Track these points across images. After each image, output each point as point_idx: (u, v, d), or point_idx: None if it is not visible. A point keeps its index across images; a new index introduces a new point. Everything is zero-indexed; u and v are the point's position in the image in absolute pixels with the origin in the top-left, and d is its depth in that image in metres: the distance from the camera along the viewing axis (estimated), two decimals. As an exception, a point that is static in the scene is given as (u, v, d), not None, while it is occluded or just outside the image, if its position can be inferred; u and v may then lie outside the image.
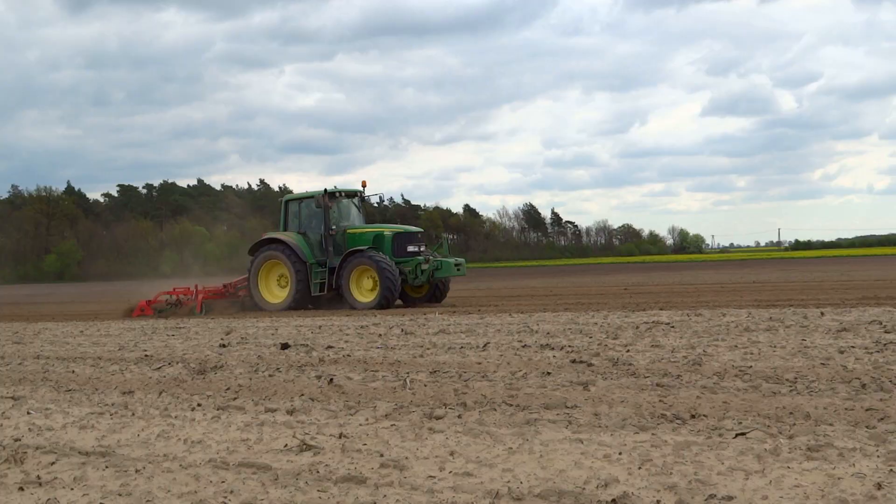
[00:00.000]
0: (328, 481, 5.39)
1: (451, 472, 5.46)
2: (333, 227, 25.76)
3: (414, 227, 26.82)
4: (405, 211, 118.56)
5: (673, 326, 13.70)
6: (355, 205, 26.72)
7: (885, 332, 11.76)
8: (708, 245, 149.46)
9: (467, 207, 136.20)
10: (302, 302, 25.23)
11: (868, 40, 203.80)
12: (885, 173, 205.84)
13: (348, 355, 11.73)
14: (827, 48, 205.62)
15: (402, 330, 15.22)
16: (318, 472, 5.60)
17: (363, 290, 24.34)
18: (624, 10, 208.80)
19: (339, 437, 6.58)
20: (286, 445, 6.37)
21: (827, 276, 36.43)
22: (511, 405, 7.58)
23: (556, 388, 8.34)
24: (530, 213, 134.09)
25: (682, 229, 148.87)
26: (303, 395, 8.68)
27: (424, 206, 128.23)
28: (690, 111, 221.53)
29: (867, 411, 6.67)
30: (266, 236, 26.70)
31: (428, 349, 12.06)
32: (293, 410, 7.80)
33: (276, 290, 25.94)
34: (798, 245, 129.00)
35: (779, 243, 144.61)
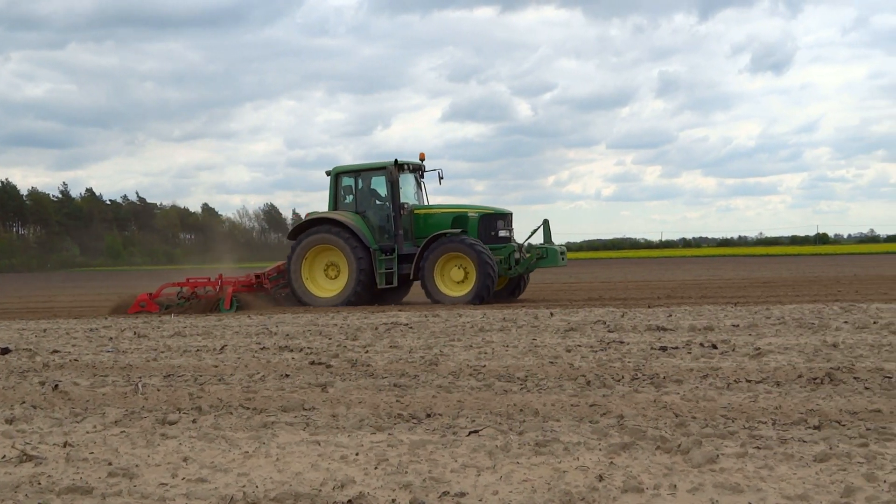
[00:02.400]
0: (51, 493, 5.08)
1: (184, 478, 5.29)
2: (406, 204, 22.11)
3: (502, 208, 22.64)
4: (139, 209, 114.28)
5: (411, 327, 13.92)
6: (417, 181, 23.02)
7: (609, 331, 12.44)
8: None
9: (206, 207, 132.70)
10: (362, 296, 21.31)
11: (599, 55, 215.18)
12: (612, 181, 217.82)
13: (76, 360, 11.16)
14: (561, 60, 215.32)
15: (135, 333, 14.67)
16: (39, 483, 5.27)
17: (449, 281, 20.95)
18: (369, 14, 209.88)
19: (64, 445, 6.23)
20: (4, 456, 5.96)
21: (557, 279, 38.17)
22: (248, 408, 7.45)
23: (294, 391, 8.28)
24: (271, 214, 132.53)
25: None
26: (24, 402, 8.16)
27: (161, 204, 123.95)
28: (432, 116, 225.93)
29: (591, 407, 7.02)
30: (312, 216, 22.29)
31: (162, 352, 11.68)
32: (13, 419, 7.31)
33: (322, 282, 21.97)
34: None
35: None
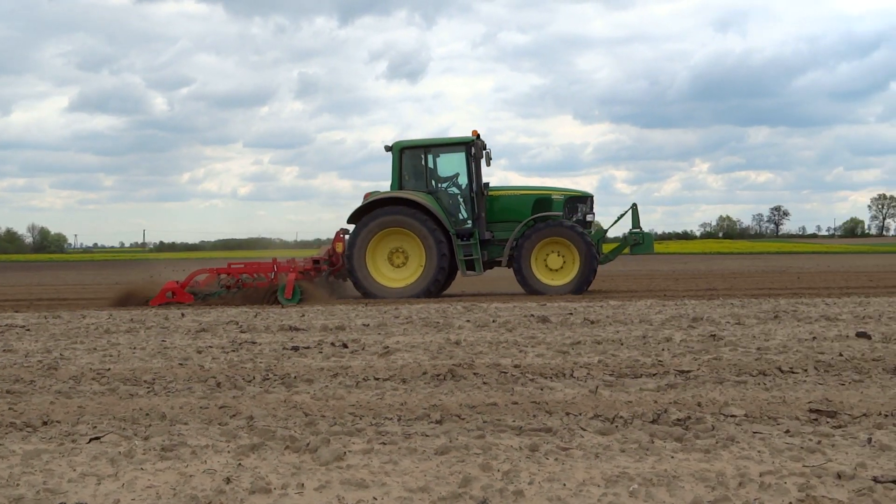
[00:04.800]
0: None
1: None
2: (488, 183, 20.08)
3: (583, 190, 20.96)
4: None
5: (28, 329, 13.04)
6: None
7: (241, 331, 12.33)
8: (70, 244, 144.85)
9: None
10: (440, 285, 19.61)
11: (239, 52, 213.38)
12: (249, 180, 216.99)
13: None
14: (200, 55, 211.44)
15: None
16: None
17: (544, 268, 19.38)
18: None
19: None
20: None
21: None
22: None
23: None
24: None
25: (42, 227, 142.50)
26: None
27: None
28: (58, 105, 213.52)
29: (221, 409, 6.90)
30: (375, 196, 19.81)
31: None
32: None
33: (385, 271, 19.65)
34: (162, 246, 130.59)
35: (144, 244, 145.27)
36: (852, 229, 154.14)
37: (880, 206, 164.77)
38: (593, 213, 20.86)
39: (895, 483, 4.50)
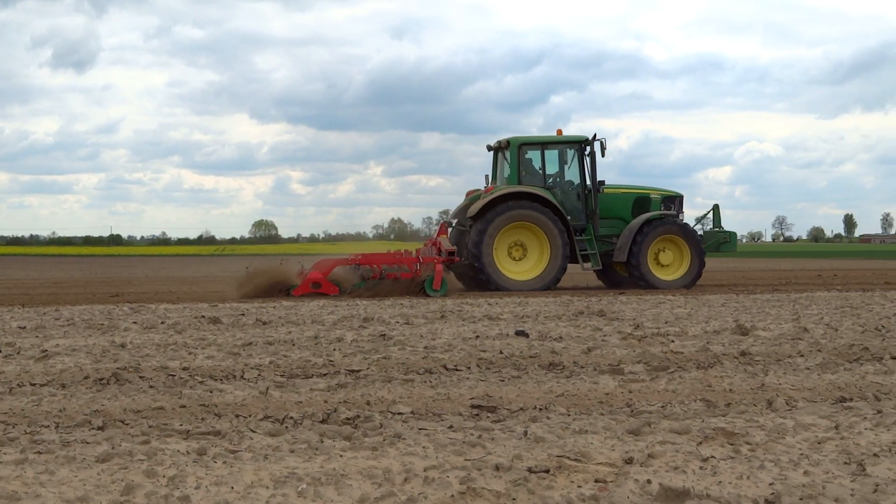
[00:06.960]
0: None
1: None
2: (603, 181, 20.76)
3: (673, 190, 22.00)
4: None
5: None
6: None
7: None
8: None
9: None
10: (556, 279, 20.15)
11: None
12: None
13: None
14: None
15: None
16: None
17: (655, 264, 20.25)
18: None
19: None
20: None
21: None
22: None
23: None
24: None
25: None
26: None
27: None
28: None
29: None
30: (500, 191, 20.13)
31: None
32: None
33: (507, 264, 20.00)
34: None
35: None
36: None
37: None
38: (683, 212, 22.03)
39: (547, 472, 4.79)
